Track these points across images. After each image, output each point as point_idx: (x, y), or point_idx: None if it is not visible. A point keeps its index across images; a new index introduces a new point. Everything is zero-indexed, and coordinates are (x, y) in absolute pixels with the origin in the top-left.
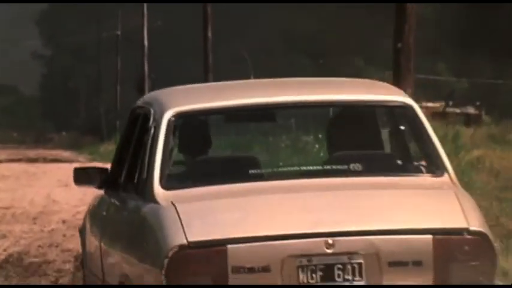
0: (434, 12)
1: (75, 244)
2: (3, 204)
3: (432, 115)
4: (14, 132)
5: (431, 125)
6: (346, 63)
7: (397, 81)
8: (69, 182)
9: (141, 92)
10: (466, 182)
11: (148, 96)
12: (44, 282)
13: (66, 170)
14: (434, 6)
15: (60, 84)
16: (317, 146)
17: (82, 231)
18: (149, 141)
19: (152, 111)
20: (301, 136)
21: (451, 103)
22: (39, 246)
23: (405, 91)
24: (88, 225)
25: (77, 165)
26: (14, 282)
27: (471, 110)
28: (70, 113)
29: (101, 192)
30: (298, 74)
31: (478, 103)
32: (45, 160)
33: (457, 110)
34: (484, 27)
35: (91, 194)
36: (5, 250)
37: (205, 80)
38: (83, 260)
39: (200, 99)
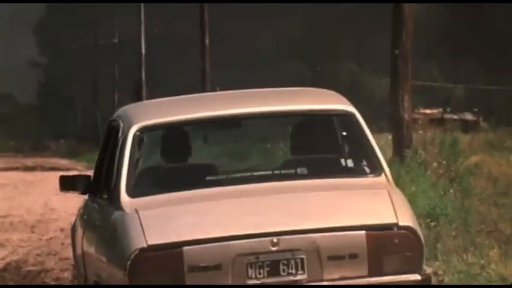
0: (426, 16)
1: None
2: (0, 213)
3: (430, 121)
4: (11, 141)
5: (429, 131)
6: (342, 69)
7: (395, 88)
8: None
9: (139, 100)
10: (464, 187)
11: (121, 110)
12: None
13: None
14: (426, 9)
15: (57, 92)
16: None
17: (73, 232)
18: (117, 153)
19: (121, 125)
20: None
21: (448, 109)
22: (38, 254)
23: (403, 97)
24: (76, 227)
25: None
26: None
27: (469, 117)
28: (67, 120)
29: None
30: (295, 81)
31: (475, 109)
32: (43, 168)
33: (455, 117)
34: (476, 30)
35: None
36: (3, 259)
37: (203, 87)
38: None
39: (163, 114)
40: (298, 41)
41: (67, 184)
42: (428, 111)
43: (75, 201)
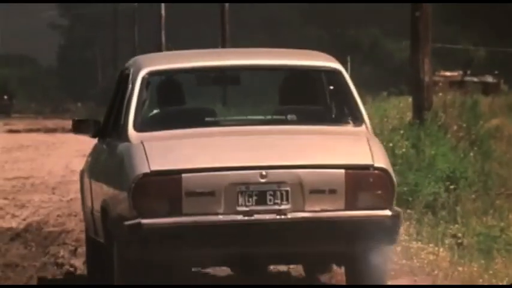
0: None
1: None
2: (22, 174)
3: (450, 84)
4: (32, 103)
5: (449, 94)
6: (363, 33)
7: (415, 51)
8: (87, 152)
9: None
10: (484, 151)
11: (131, 59)
12: (62, 252)
13: (84, 140)
14: None
15: (78, 55)
16: None
17: (81, 174)
18: (127, 95)
19: (132, 71)
20: None
21: (468, 72)
22: (58, 215)
23: (423, 60)
24: (85, 168)
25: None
26: (33, 250)
27: (489, 79)
28: (87, 83)
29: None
30: (314, 44)
31: (496, 72)
32: (64, 130)
33: (475, 79)
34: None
35: None
36: (24, 219)
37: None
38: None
39: (169, 62)
40: (318, 5)
41: (79, 127)
42: (448, 73)
43: None
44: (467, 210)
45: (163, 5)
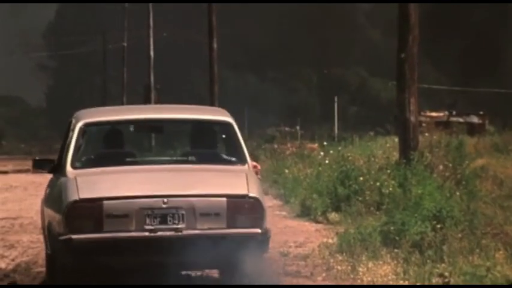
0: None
1: None
2: (11, 214)
3: (436, 124)
4: (21, 143)
5: (435, 134)
6: (351, 73)
7: (401, 91)
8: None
9: (148, 103)
10: (470, 190)
11: (76, 113)
12: None
13: None
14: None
15: (66, 95)
16: (322, 153)
17: (41, 202)
18: (68, 140)
19: (73, 122)
20: (306, 143)
21: (454, 112)
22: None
23: (409, 100)
24: (43, 197)
25: None
26: None
27: (475, 119)
28: None
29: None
30: (301, 84)
31: (481, 112)
32: None
33: (461, 120)
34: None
35: None
36: (13, 260)
37: (211, 91)
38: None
39: (102, 116)
40: (305, 45)
41: (38, 165)
42: (434, 114)
43: None
44: (453, 249)
45: (152, 45)
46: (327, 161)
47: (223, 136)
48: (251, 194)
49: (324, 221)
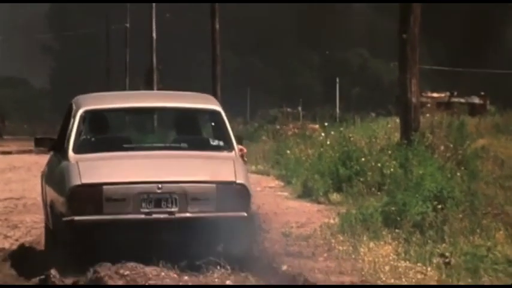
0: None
1: None
2: (14, 195)
3: (437, 105)
4: (24, 124)
5: (436, 115)
6: (352, 54)
7: (403, 72)
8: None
9: (150, 84)
10: (471, 171)
11: (76, 97)
12: (54, 272)
13: None
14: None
15: (70, 77)
16: (323, 134)
17: (41, 176)
18: (69, 126)
19: (74, 108)
20: (308, 124)
21: (455, 93)
22: None
23: (410, 81)
24: (44, 172)
25: None
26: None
27: (476, 100)
28: None
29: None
30: (304, 65)
31: (482, 93)
32: None
33: (462, 100)
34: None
35: None
36: (17, 240)
37: (214, 72)
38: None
39: (101, 103)
40: (308, 26)
41: (39, 143)
42: (435, 94)
43: None
44: (454, 229)
45: (154, 27)
46: (328, 142)
47: (212, 124)
48: (238, 181)
49: (326, 202)
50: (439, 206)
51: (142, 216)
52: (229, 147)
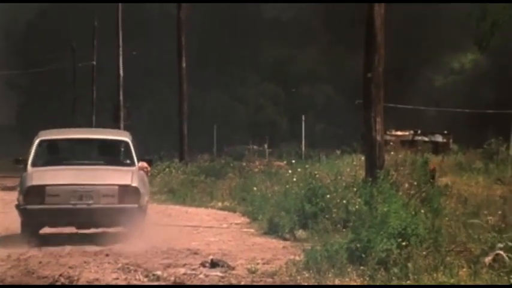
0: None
1: (51, 271)
2: None
3: (401, 143)
4: None
5: (401, 153)
6: (317, 91)
7: (368, 110)
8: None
9: (117, 121)
10: (434, 208)
11: (39, 132)
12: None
13: None
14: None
15: (36, 113)
16: (289, 171)
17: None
18: (31, 149)
19: (35, 138)
20: (274, 161)
21: (419, 131)
22: (13, 275)
23: (375, 119)
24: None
25: None
26: None
27: (439, 139)
28: None
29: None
30: (270, 102)
31: (445, 132)
32: None
33: (425, 138)
34: None
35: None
36: None
37: (180, 109)
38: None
39: (52, 135)
40: (274, 64)
41: (17, 162)
42: (400, 133)
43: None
44: (418, 266)
45: (121, 64)
46: (294, 179)
47: (122, 149)
48: (133, 184)
49: (291, 238)
50: (404, 243)
51: (70, 206)
52: (132, 163)
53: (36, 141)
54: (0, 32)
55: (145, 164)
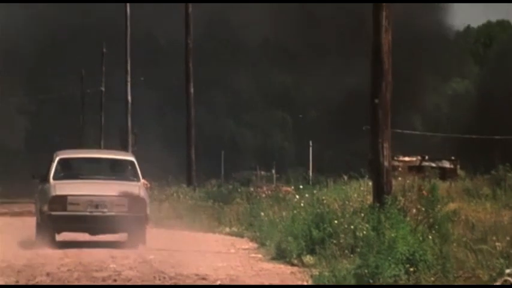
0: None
1: None
2: None
3: (409, 169)
4: None
5: (408, 179)
6: (324, 116)
7: (375, 135)
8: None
9: (125, 146)
10: (442, 234)
11: (56, 152)
12: None
13: None
14: None
15: (45, 139)
16: (297, 196)
17: (35, 194)
18: (52, 165)
19: (55, 156)
20: (282, 186)
21: (426, 157)
22: None
23: (382, 145)
24: (36, 192)
25: None
26: None
27: (446, 164)
28: None
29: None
30: (277, 128)
31: (453, 157)
32: (30, 213)
33: (433, 164)
34: None
35: (73, 244)
36: None
37: (188, 135)
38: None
39: (69, 154)
40: (282, 89)
41: (33, 177)
42: (407, 158)
43: (62, 246)
44: None
45: (129, 90)
46: (302, 204)
47: (129, 167)
48: (140, 196)
49: (299, 264)
50: (411, 269)
51: (88, 213)
52: (137, 180)
53: (57, 159)
54: (8, 57)
55: (146, 181)
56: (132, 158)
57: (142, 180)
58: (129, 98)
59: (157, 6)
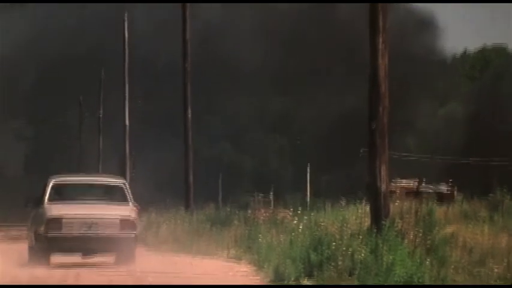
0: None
1: None
2: None
3: (406, 192)
4: None
5: (406, 202)
6: (321, 141)
7: (372, 159)
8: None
9: (123, 170)
10: (440, 257)
11: (50, 176)
12: None
13: None
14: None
15: (43, 164)
16: (295, 220)
17: (28, 219)
18: (46, 189)
19: (49, 180)
20: (280, 210)
21: (424, 181)
22: None
23: (380, 169)
24: (29, 217)
25: None
26: None
27: (444, 189)
28: None
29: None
30: (275, 152)
31: (450, 181)
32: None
33: (430, 188)
34: None
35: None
36: None
37: (186, 159)
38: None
39: (61, 179)
40: (279, 115)
41: (26, 202)
42: (404, 181)
43: (61, 270)
44: None
45: (127, 114)
46: (300, 228)
47: (120, 190)
48: (131, 217)
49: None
50: None
51: (81, 233)
52: (127, 202)
53: (51, 183)
54: (7, 86)
55: (135, 204)
56: (122, 182)
57: (132, 203)
58: (127, 122)
59: (156, 34)
